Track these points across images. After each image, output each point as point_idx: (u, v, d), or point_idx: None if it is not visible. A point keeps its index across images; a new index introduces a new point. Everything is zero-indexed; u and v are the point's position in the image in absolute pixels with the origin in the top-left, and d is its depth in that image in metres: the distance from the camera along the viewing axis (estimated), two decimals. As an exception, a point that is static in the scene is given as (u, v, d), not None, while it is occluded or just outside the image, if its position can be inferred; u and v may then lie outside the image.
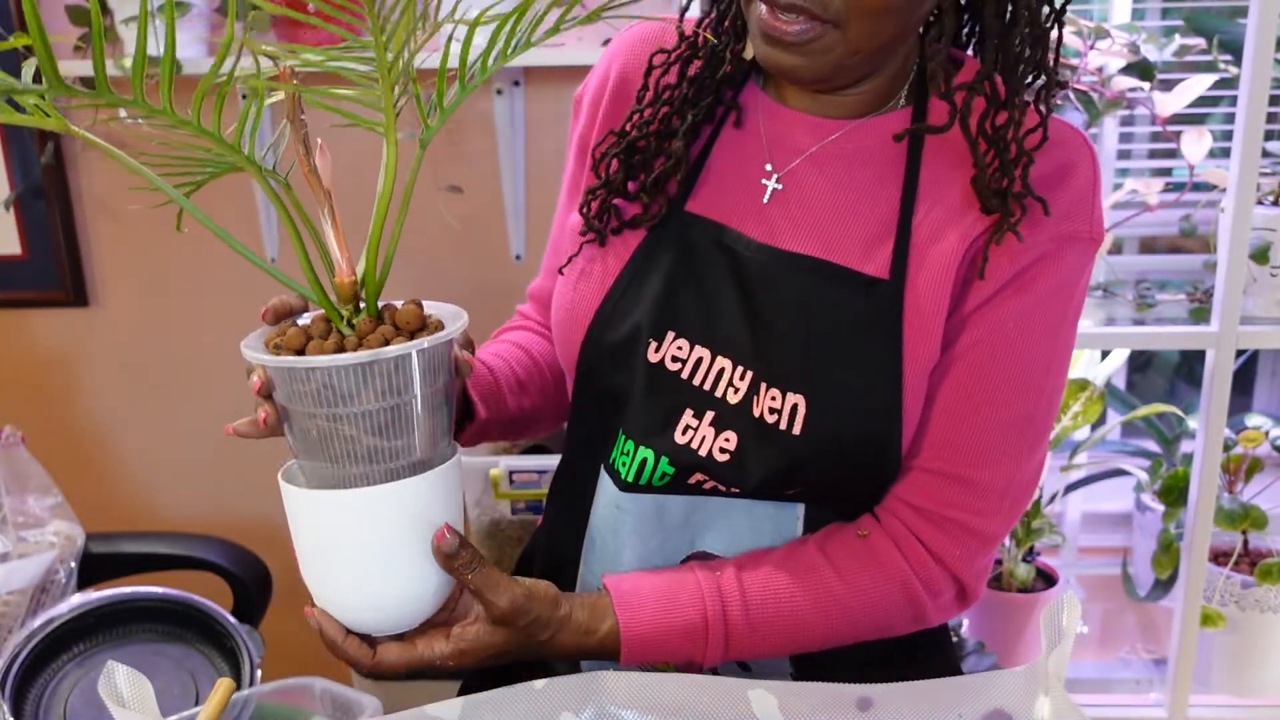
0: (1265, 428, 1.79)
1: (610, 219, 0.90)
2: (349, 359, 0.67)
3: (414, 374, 0.70)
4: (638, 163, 0.89)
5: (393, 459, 0.71)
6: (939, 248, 0.83)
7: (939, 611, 0.89)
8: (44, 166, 1.93)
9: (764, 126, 0.89)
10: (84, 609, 1.16)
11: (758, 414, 0.84)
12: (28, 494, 1.56)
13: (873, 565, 0.86)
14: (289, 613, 1.99)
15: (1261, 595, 1.71)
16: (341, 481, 0.72)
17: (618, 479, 0.88)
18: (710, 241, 0.87)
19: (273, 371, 0.71)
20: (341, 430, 0.69)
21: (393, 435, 0.70)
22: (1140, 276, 1.89)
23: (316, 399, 0.69)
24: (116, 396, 2.11)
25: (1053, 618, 0.67)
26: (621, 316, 0.88)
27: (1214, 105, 2.03)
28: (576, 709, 0.73)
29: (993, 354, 0.84)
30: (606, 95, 0.94)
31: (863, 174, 0.85)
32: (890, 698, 0.70)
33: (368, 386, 0.68)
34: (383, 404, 0.69)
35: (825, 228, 0.85)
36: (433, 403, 0.72)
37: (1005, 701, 0.69)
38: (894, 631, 0.88)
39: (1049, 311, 0.84)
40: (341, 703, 0.85)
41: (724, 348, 0.85)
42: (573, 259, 0.92)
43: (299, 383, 0.69)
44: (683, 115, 0.88)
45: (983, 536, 0.87)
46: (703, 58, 0.88)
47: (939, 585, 0.87)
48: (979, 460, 0.85)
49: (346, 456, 0.70)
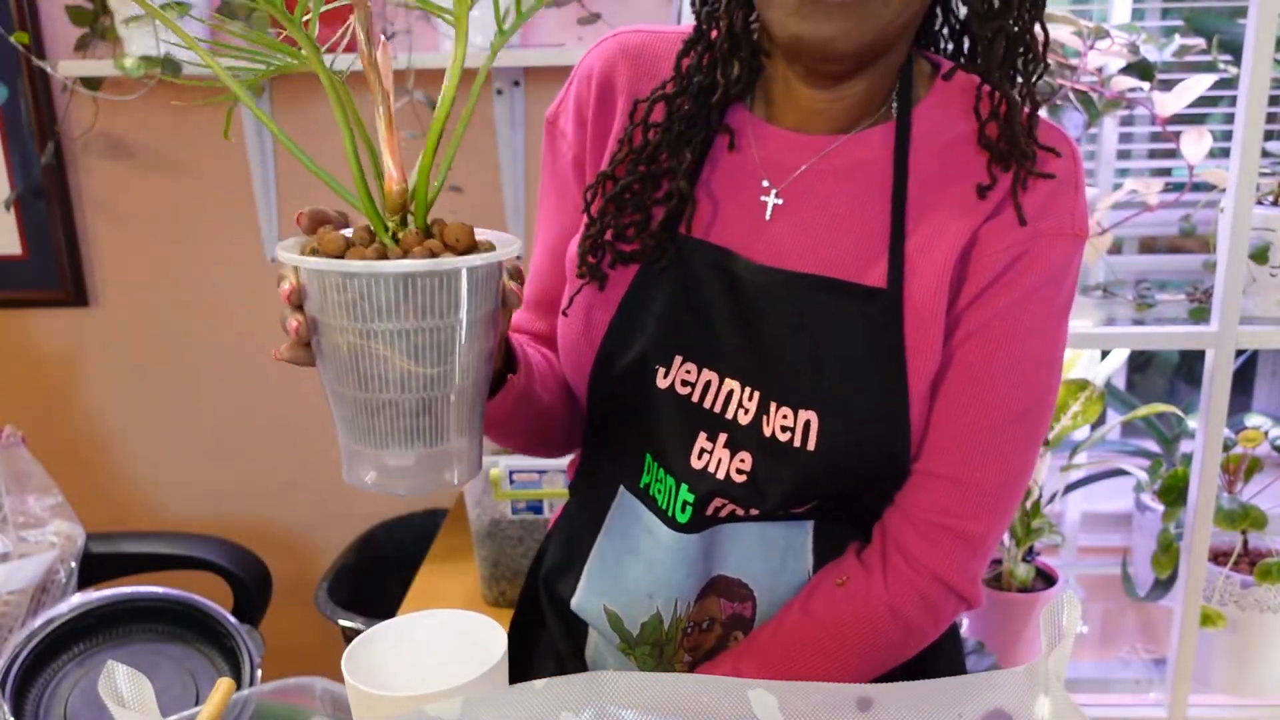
0: (1265, 428, 1.79)
1: (605, 255, 0.89)
2: (391, 267, 0.61)
3: (460, 294, 0.64)
4: (630, 202, 0.87)
5: (427, 388, 0.65)
6: (933, 256, 0.83)
7: (941, 624, 0.90)
8: (44, 166, 1.93)
9: (755, 147, 0.88)
10: (84, 609, 1.16)
11: (769, 433, 0.84)
12: (28, 494, 1.57)
13: (857, 612, 0.87)
14: (289, 613, 2.00)
15: (1261, 595, 1.71)
16: (366, 408, 0.66)
17: (664, 517, 0.89)
18: (708, 265, 0.87)
19: (307, 276, 0.65)
20: (374, 349, 0.64)
21: (430, 361, 0.64)
22: (1140, 276, 1.89)
23: (351, 311, 0.63)
24: (116, 396, 2.11)
25: (1053, 618, 0.67)
26: (626, 346, 0.88)
27: (1214, 105, 2.03)
28: (576, 709, 0.73)
29: (980, 353, 0.84)
30: (592, 109, 0.91)
31: (854, 187, 0.86)
32: (890, 697, 0.70)
33: (408, 301, 0.62)
34: (422, 324, 0.63)
35: (824, 243, 0.86)
36: (476, 331, 0.66)
37: (1005, 701, 0.69)
38: (904, 658, 0.89)
39: (1034, 309, 0.84)
40: (342, 703, 0.85)
41: (731, 369, 0.86)
42: (573, 299, 0.91)
43: (334, 291, 0.63)
44: (676, 151, 0.87)
45: (972, 541, 0.87)
46: (693, 91, 0.87)
47: (933, 599, 0.88)
48: (968, 460, 0.85)
49: (377, 379, 0.65)
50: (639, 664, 0.93)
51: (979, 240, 0.84)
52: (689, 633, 0.92)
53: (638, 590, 0.91)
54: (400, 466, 0.69)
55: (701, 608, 0.92)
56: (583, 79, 0.92)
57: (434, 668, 0.77)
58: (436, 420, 0.67)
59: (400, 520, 2.07)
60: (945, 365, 0.85)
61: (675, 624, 0.91)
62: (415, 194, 0.67)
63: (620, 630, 0.93)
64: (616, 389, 0.89)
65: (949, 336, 0.85)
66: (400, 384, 0.65)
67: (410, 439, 0.67)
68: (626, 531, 0.92)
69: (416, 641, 0.78)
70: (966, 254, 0.84)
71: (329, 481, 2.14)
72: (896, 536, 0.88)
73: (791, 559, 0.90)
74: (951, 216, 0.84)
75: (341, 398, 0.67)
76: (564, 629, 0.99)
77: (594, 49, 0.93)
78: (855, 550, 0.91)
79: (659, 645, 0.92)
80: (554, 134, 0.95)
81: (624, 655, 0.94)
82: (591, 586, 0.93)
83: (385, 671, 0.77)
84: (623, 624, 0.92)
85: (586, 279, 0.89)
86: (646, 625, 0.92)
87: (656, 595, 0.90)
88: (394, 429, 0.67)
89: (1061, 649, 0.66)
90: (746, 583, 0.91)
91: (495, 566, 1.67)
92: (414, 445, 0.68)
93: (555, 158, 0.95)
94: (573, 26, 1.83)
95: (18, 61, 1.87)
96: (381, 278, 0.62)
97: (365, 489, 0.71)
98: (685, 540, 0.88)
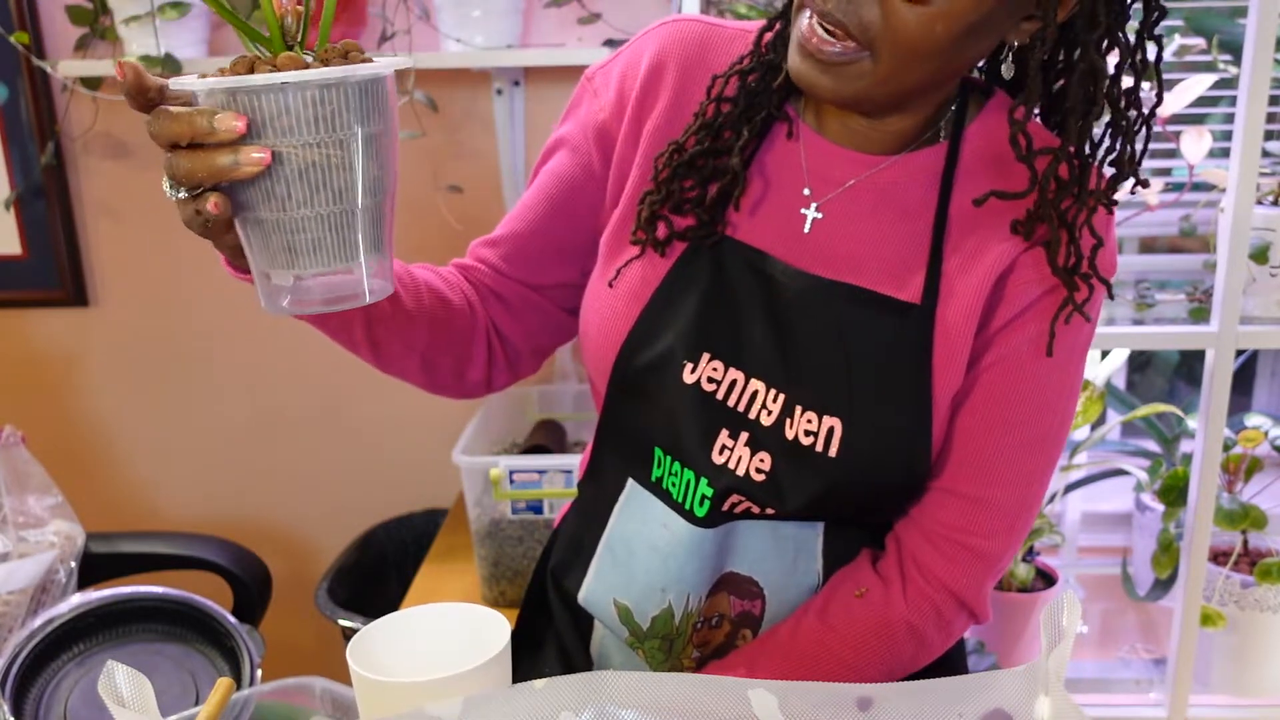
0: (1265, 428, 1.79)
1: (659, 228, 0.89)
2: (315, 75, 0.64)
3: (363, 105, 0.66)
4: (695, 176, 0.88)
5: (333, 203, 0.68)
6: (969, 278, 0.84)
7: (950, 639, 0.91)
8: (44, 166, 1.93)
9: (804, 152, 0.89)
10: (84, 609, 1.16)
11: (791, 436, 0.85)
12: (28, 494, 1.56)
13: (876, 624, 0.88)
14: (289, 613, 2.00)
15: (1261, 595, 1.71)
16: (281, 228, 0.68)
17: (681, 510, 0.89)
18: (745, 265, 0.87)
19: (207, 99, 0.65)
20: (289, 165, 0.66)
21: (334, 176, 0.67)
22: (1140, 276, 1.88)
23: (274, 125, 0.65)
24: (116, 396, 2.11)
25: (1053, 617, 0.67)
26: (655, 336, 0.88)
27: (1214, 105, 2.02)
28: (576, 709, 0.73)
29: (1008, 378, 0.86)
30: (638, 87, 0.91)
31: (898, 204, 0.86)
32: (890, 697, 0.70)
33: (319, 113, 0.65)
34: (325, 137, 0.66)
35: (862, 256, 0.86)
36: (379, 144, 0.69)
37: (1005, 701, 0.69)
38: (914, 670, 0.90)
39: (1062, 339, 0.85)
40: (342, 703, 0.85)
41: (758, 370, 0.86)
42: (621, 271, 0.91)
43: (269, 106, 0.65)
44: (737, 130, 0.88)
45: (988, 559, 0.88)
46: (759, 70, 0.88)
47: (947, 615, 0.89)
48: (989, 480, 0.87)
49: (284, 196, 0.67)
50: (647, 657, 0.93)
51: (1016, 267, 0.85)
52: (698, 628, 0.92)
53: (650, 583, 0.91)
54: (312, 285, 0.72)
55: (712, 603, 0.92)
56: (634, 55, 0.93)
57: (437, 658, 0.77)
58: (343, 234, 0.70)
59: (400, 520, 2.07)
60: (972, 386, 0.86)
61: (686, 618, 0.92)
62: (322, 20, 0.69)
63: (630, 623, 0.93)
64: (638, 379, 0.89)
65: (979, 358, 0.86)
66: (307, 200, 0.67)
67: (319, 256, 0.70)
68: (640, 525, 0.92)
69: (420, 633, 0.80)
70: (1004, 278, 0.85)
71: (329, 481, 2.14)
72: (914, 551, 0.89)
73: (802, 559, 0.91)
74: (993, 239, 0.85)
75: (252, 221, 0.69)
76: (571, 623, 0.99)
77: (654, 29, 0.93)
78: (870, 559, 0.92)
79: (669, 639, 0.92)
80: (589, 89, 0.95)
81: (631, 649, 0.94)
82: (601, 579, 0.94)
83: (389, 662, 0.78)
84: (633, 617, 0.92)
85: (640, 247, 0.90)
86: (657, 619, 0.92)
87: (669, 589, 0.90)
88: (304, 246, 0.70)
89: (1061, 649, 0.66)
90: (758, 580, 0.92)
91: (495, 566, 1.67)
92: (324, 263, 0.71)
93: (582, 110, 0.95)
94: (573, 26, 1.83)
95: (18, 61, 1.87)
96: (306, 87, 0.64)
97: (283, 314, 0.74)
98: (701, 534, 0.88)
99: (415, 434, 2.06)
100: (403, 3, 1.78)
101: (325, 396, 2.07)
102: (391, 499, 2.09)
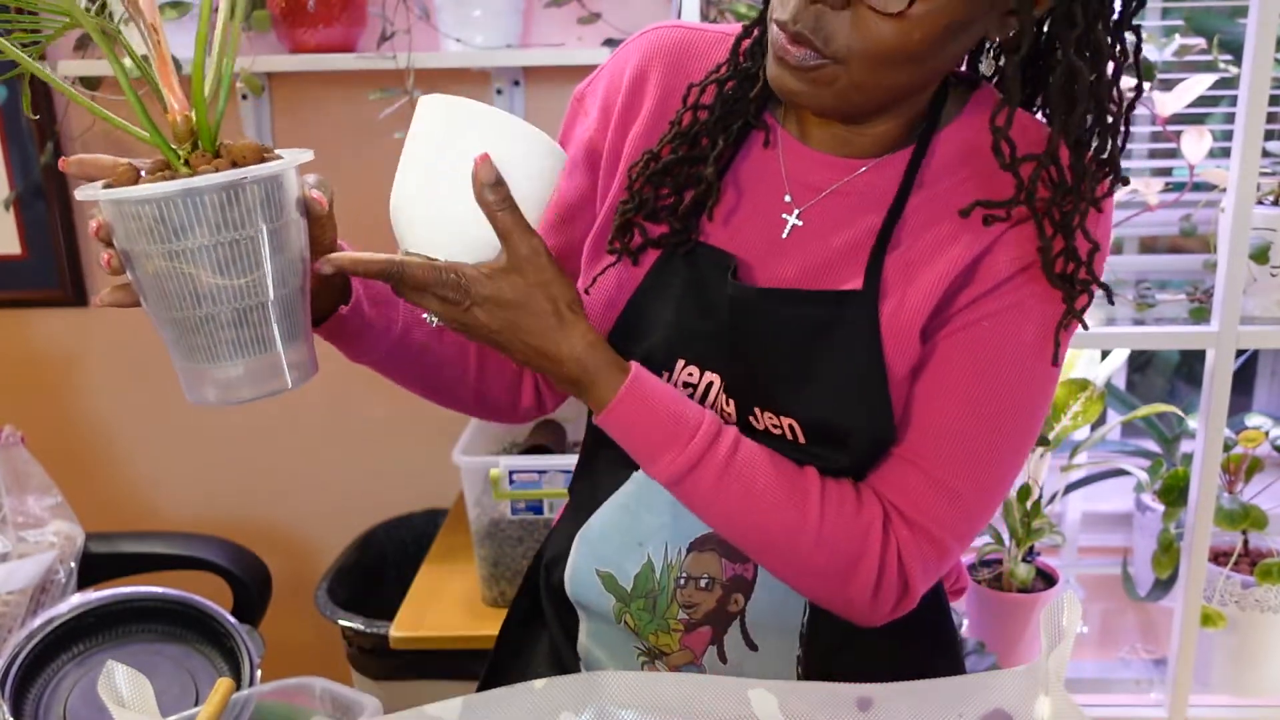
0: (1265, 428, 1.79)
1: (634, 237, 0.90)
2: (176, 186, 0.66)
3: (252, 204, 0.68)
4: (668, 182, 0.89)
5: (239, 298, 0.69)
6: (931, 269, 0.84)
7: (874, 597, 0.86)
8: (44, 166, 1.93)
9: (784, 159, 0.89)
10: (84, 609, 1.16)
11: (761, 429, 0.88)
12: (28, 494, 1.57)
13: (853, 511, 0.85)
14: (289, 613, 2.00)
15: (1261, 595, 1.71)
16: (187, 327, 0.70)
17: None
18: (720, 272, 0.87)
19: (109, 211, 0.69)
20: (180, 269, 0.68)
21: (236, 273, 0.69)
22: (1140, 276, 1.89)
23: (151, 235, 0.67)
24: (116, 396, 2.11)
25: (1053, 618, 0.67)
26: (631, 343, 0.89)
27: (1214, 105, 2.02)
28: (576, 709, 0.73)
29: (969, 345, 0.85)
30: (620, 99, 0.92)
31: (871, 203, 0.87)
32: (890, 698, 0.70)
33: (201, 217, 0.67)
34: (220, 238, 0.67)
35: (834, 260, 0.87)
36: (280, 239, 0.70)
37: (1005, 701, 0.69)
38: (827, 587, 0.86)
39: (1031, 316, 0.84)
40: (341, 703, 0.85)
41: (720, 371, 0.88)
42: (597, 279, 0.91)
43: (131, 220, 0.68)
44: (713, 138, 0.88)
45: (940, 545, 0.86)
46: (736, 78, 0.88)
47: (890, 570, 0.85)
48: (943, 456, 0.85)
49: (189, 297, 0.69)
50: (634, 621, 0.93)
51: (993, 249, 0.84)
52: (682, 584, 0.92)
53: (626, 541, 0.92)
54: (232, 378, 0.73)
55: (699, 561, 0.92)
56: (617, 68, 0.94)
57: None
58: (256, 329, 0.71)
59: (400, 520, 2.08)
60: (930, 353, 0.85)
61: (668, 571, 0.92)
62: (198, 119, 0.71)
63: (615, 589, 0.93)
64: None
65: (938, 329, 0.85)
66: (212, 299, 0.69)
67: (235, 351, 0.72)
68: (615, 496, 0.93)
69: None
70: (978, 261, 0.84)
71: (329, 481, 2.14)
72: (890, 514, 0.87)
73: None
74: (966, 229, 0.84)
75: (164, 322, 0.72)
76: (559, 617, 1.00)
77: (635, 39, 0.94)
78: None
79: (652, 596, 0.93)
80: (578, 110, 0.96)
81: (616, 625, 0.94)
82: (581, 556, 0.95)
83: None
84: (616, 582, 0.93)
85: (615, 256, 0.90)
86: (639, 576, 0.92)
87: (646, 542, 0.91)
88: (217, 342, 0.71)
89: (1061, 649, 0.66)
90: None
91: (495, 566, 1.67)
92: (240, 356, 0.72)
93: (575, 131, 0.96)
94: (573, 26, 1.83)
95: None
96: (170, 198, 0.66)
97: (209, 405, 0.75)
98: None
99: (415, 434, 2.06)
100: (403, 3, 1.78)
101: (325, 397, 2.07)
102: (391, 499, 2.09)
